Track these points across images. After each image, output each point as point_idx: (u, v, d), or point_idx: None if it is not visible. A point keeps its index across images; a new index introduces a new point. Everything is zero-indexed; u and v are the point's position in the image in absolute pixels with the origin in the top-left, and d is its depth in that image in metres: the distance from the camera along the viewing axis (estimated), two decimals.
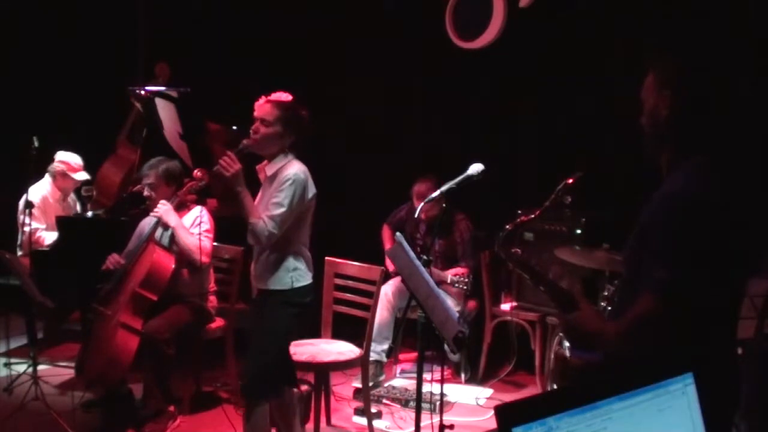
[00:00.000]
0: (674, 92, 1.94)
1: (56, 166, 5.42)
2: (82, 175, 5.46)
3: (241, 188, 3.32)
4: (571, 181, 2.28)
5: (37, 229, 5.22)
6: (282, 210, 3.29)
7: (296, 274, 3.42)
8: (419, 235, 5.19)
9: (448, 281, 4.78)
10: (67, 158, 5.45)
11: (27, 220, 4.73)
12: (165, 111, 5.40)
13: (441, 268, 4.94)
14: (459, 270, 4.90)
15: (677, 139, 1.97)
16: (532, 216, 2.29)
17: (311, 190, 3.41)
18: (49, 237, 5.22)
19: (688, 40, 4.20)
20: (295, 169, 3.36)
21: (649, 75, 2.00)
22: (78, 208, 5.54)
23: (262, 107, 3.40)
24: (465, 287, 4.74)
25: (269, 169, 3.43)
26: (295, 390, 3.73)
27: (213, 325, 4.48)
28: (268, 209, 3.31)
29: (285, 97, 3.43)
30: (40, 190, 5.39)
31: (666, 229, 1.85)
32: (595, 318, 1.98)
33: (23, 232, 4.88)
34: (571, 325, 2.02)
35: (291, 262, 3.41)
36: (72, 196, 5.62)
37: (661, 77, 1.97)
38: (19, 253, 5.21)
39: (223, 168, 3.30)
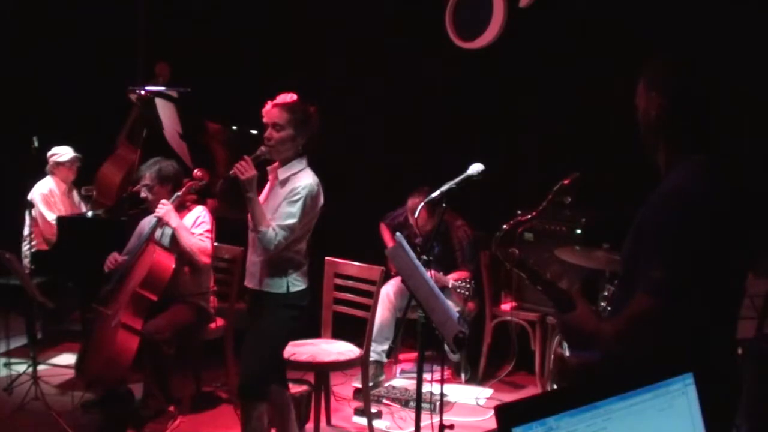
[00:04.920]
0: (660, 93, 1.96)
1: (48, 161, 5.49)
2: (69, 153, 5.50)
3: (253, 194, 3.30)
4: (567, 181, 2.27)
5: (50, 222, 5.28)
6: (293, 221, 3.29)
7: (292, 278, 3.41)
8: (419, 239, 5.18)
9: (450, 286, 4.75)
10: (54, 150, 5.52)
11: (27, 220, 4.74)
12: (165, 111, 5.39)
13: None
14: (461, 274, 4.88)
15: (668, 139, 1.98)
16: (529, 217, 2.28)
17: (320, 202, 3.42)
18: None
19: (676, 43, 4.20)
20: (309, 179, 3.35)
21: (640, 81, 2.03)
22: (83, 208, 5.56)
23: (270, 112, 3.35)
24: (467, 292, 4.71)
25: (282, 173, 3.40)
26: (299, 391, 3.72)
27: (213, 325, 4.48)
28: (279, 218, 3.31)
29: (290, 97, 3.39)
30: (47, 184, 5.47)
31: (662, 229, 1.85)
32: (591, 318, 1.98)
33: (34, 223, 4.91)
34: (567, 324, 2.02)
35: (287, 267, 3.40)
36: (76, 197, 5.64)
37: (649, 81, 2.00)
38: (26, 248, 5.21)
39: (239, 171, 3.27)
